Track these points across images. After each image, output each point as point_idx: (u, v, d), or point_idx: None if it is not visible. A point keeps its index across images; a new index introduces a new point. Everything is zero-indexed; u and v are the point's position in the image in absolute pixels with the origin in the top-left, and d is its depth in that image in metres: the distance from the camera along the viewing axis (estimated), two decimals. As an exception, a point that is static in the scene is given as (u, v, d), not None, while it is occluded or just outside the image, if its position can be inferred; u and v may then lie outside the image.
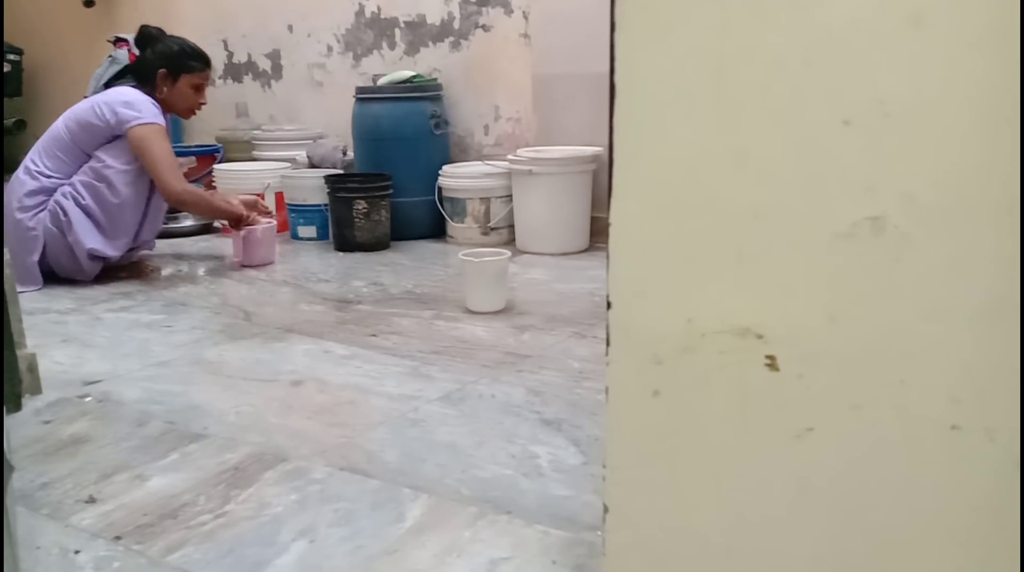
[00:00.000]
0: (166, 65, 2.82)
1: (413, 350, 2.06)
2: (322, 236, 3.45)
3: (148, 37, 2.87)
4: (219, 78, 4.78)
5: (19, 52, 4.86)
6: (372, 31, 4.01)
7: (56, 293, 2.67)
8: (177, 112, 2.94)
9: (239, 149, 4.23)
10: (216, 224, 3.65)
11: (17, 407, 1.71)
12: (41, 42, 5.07)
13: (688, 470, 0.84)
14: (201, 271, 2.99)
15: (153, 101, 2.80)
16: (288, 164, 3.70)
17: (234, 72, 4.70)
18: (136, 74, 2.90)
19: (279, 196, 3.55)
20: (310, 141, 3.92)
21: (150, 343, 2.16)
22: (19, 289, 2.43)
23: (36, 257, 2.72)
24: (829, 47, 0.70)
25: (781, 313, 0.76)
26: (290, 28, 4.35)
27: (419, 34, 3.82)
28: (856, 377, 0.75)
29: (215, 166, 3.81)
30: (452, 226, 3.37)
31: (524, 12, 3.50)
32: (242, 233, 2.96)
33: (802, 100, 0.72)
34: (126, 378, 1.90)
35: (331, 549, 1.19)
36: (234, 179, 3.58)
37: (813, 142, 0.72)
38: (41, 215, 2.72)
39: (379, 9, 3.97)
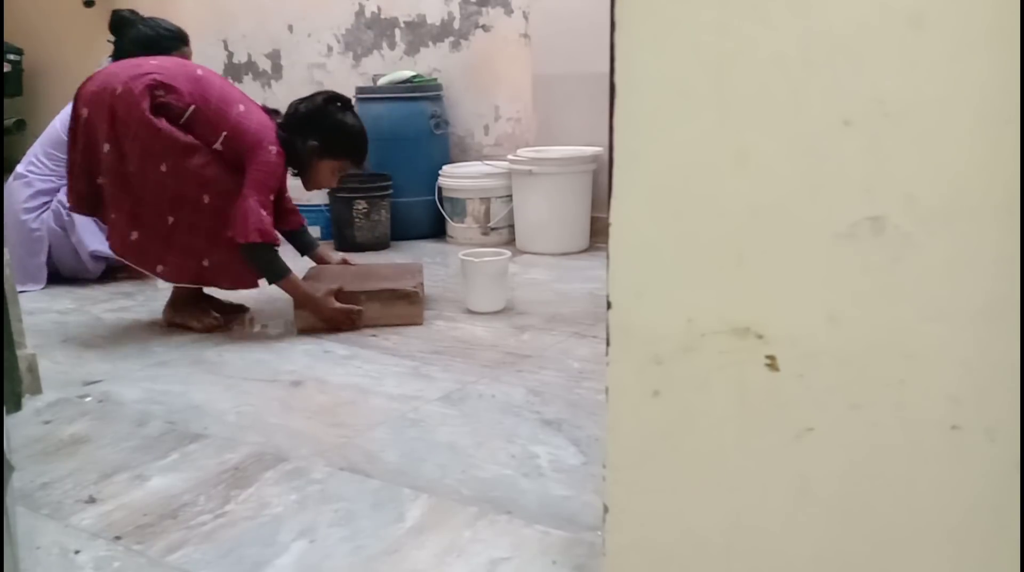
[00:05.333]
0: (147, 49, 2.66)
1: (413, 350, 2.06)
2: (325, 236, 3.44)
3: (122, 22, 2.67)
4: (219, 78, 4.78)
5: (19, 52, 4.86)
6: (372, 31, 4.01)
7: (56, 293, 2.67)
8: None
9: (239, 149, 4.22)
10: None
11: (17, 407, 1.71)
12: (41, 42, 5.07)
13: (688, 470, 0.84)
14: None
15: None
16: None
17: (234, 72, 4.70)
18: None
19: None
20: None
21: (150, 343, 2.16)
22: (21, 289, 2.45)
23: (43, 258, 2.72)
24: (829, 47, 0.70)
25: (781, 313, 0.76)
26: (290, 28, 4.35)
27: (419, 34, 3.82)
28: (856, 377, 0.75)
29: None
30: (452, 226, 3.37)
31: (524, 12, 3.50)
32: None
33: (802, 100, 0.72)
34: (126, 378, 1.90)
35: (331, 549, 1.19)
36: None
37: (813, 142, 0.72)
38: (44, 215, 2.73)
39: (379, 9, 3.97)
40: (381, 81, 3.57)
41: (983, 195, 0.68)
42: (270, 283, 2.18)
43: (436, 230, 3.45)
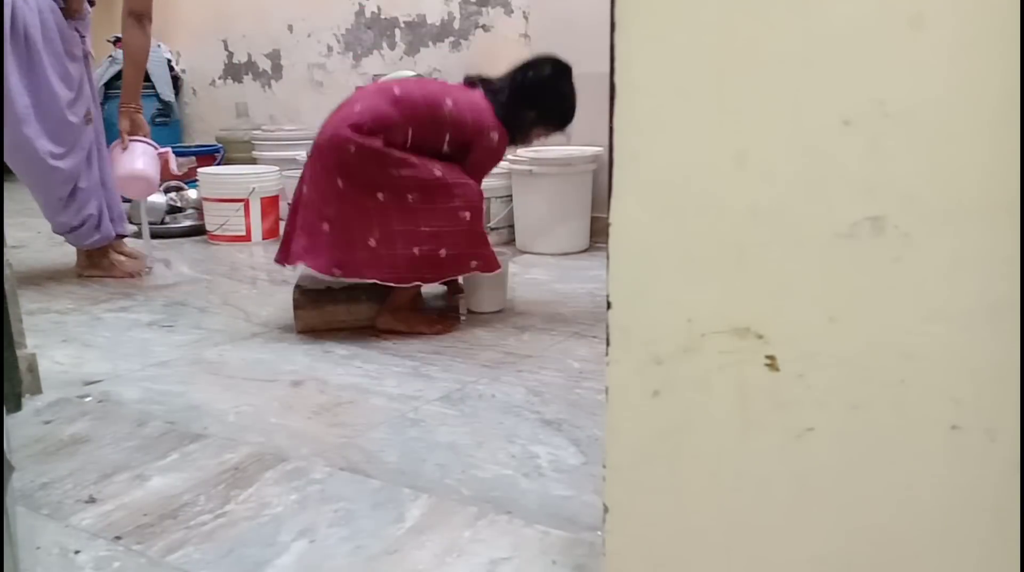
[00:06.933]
0: None
1: (413, 350, 2.06)
2: (325, 236, 3.42)
3: None
4: (219, 78, 4.78)
5: (19, 52, 4.86)
6: (372, 31, 4.01)
7: (56, 293, 2.67)
8: None
9: (239, 149, 4.22)
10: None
11: (17, 407, 1.71)
12: (41, 42, 5.07)
13: (688, 470, 0.84)
14: (200, 271, 2.99)
15: None
16: (276, 168, 3.63)
17: (234, 72, 4.70)
18: None
19: (272, 199, 3.50)
20: (310, 141, 3.89)
21: (150, 343, 2.16)
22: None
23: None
24: (829, 47, 0.70)
25: (781, 313, 0.76)
26: (290, 28, 4.35)
27: (419, 34, 3.82)
28: (856, 377, 0.75)
29: (201, 169, 3.69)
30: (452, 226, 3.36)
31: (524, 12, 3.50)
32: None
33: (802, 100, 0.72)
34: (126, 378, 1.90)
35: (331, 549, 1.19)
36: (218, 184, 3.46)
37: (813, 142, 0.72)
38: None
39: (379, 9, 3.97)
40: (381, 81, 3.56)
41: (983, 195, 0.68)
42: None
43: (436, 230, 3.44)
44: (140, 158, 2.75)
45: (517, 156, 3.17)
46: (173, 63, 4.82)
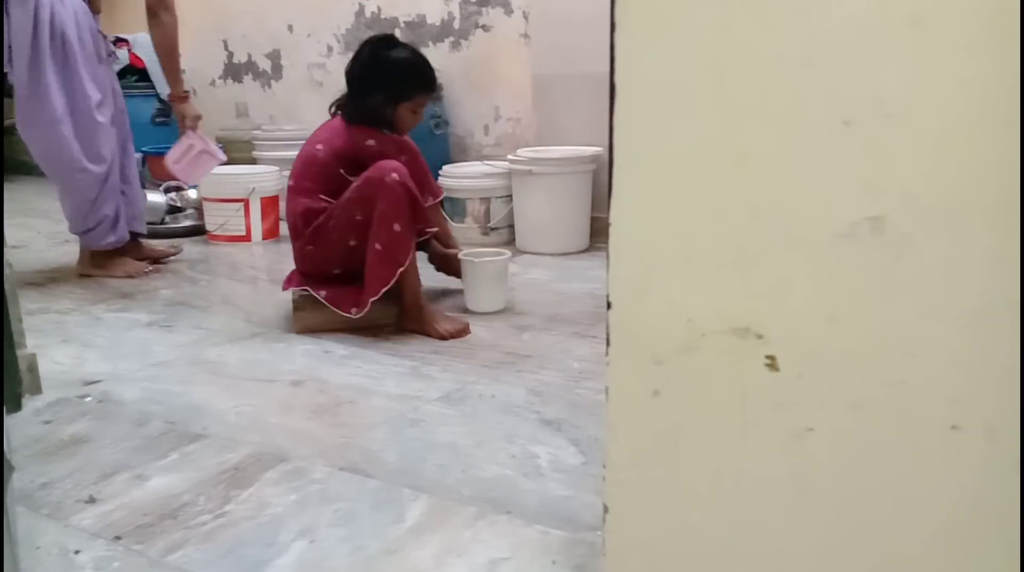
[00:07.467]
0: None
1: (413, 350, 2.06)
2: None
3: None
4: (219, 78, 4.78)
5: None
6: (372, 31, 4.01)
7: (56, 293, 2.67)
8: None
9: (239, 149, 4.21)
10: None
11: (17, 407, 1.71)
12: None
13: (688, 470, 0.84)
14: (200, 271, 2.99)
15: None
16: (276, 168, 3.61)
17: (234, 72, 4.70)
18: None
19: (272, 199, 3.49)
20: (310, 141, 3.89)
21: (150, 343, 2.16)
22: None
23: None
24: (829, 47, 0.70)
25: (781, 313, 0.76)
26: (290, 28, 4.35)
27: (419, 34, 3.82)
28: (856, 377, 0.75)
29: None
30: (452, 226, 3.36)
31: (524, 12, 3.50)
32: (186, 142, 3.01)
33: (802, 100, 0.72)
34: (126, 378, 1.90)
35: (331, 549, 1.19)
36: (218, 184, 3.44)
37: (813, 142, 0.72)
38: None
39: (379, 9, 3.97)
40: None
41: (983, 195, 0.68)
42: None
43: (436, 230, 3.44)
44: (178, 159, 3.01)
45: (517, 156, 3.17)
46: (173, 63, 4.82)
